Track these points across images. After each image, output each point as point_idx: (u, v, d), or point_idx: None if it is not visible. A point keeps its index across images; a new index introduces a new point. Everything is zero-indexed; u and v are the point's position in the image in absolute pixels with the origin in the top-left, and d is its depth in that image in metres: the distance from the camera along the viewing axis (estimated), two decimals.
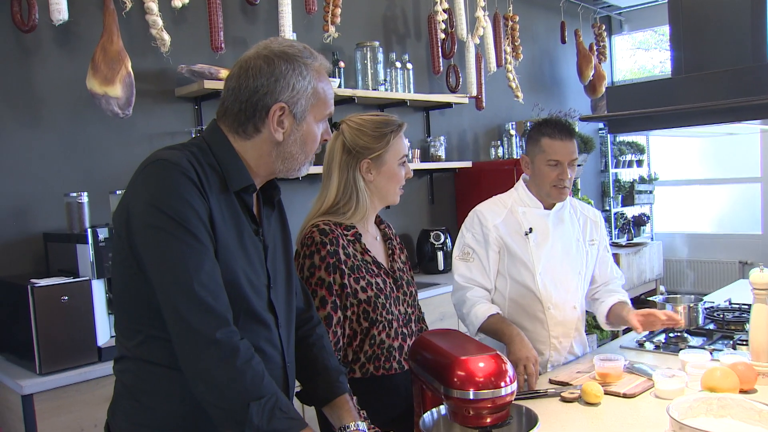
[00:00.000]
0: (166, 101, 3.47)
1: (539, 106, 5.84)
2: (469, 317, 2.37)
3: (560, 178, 2.38)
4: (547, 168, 2.39)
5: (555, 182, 2.39)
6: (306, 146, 1.48)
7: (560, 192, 2.42)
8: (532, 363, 2.11)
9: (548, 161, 2.37)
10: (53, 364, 2.46)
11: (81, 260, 2.64)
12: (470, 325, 2.37)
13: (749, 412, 1.64)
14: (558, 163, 2.37)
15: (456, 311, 2.48)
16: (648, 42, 7.44)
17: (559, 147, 2.36)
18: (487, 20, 4.94)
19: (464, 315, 2.40)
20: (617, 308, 2.46)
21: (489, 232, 2.41)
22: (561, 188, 2.40)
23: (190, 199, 1.31)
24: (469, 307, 2.37)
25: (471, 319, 2.36)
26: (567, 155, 2.36)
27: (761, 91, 2.14)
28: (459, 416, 1.34)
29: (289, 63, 1.42)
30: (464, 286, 2.42)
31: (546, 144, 2.37)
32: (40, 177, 3.00)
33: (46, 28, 2.97)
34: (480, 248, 2.43)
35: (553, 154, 2.36)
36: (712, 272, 6.80)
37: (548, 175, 2.39)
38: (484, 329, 2.34)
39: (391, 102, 4.44)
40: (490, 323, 2.31)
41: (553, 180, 2.39)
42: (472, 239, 2.45)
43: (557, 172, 2.37)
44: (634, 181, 7.10)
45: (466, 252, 2.45)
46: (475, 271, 2.42)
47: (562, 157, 2.36)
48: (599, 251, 2.59)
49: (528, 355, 2.12)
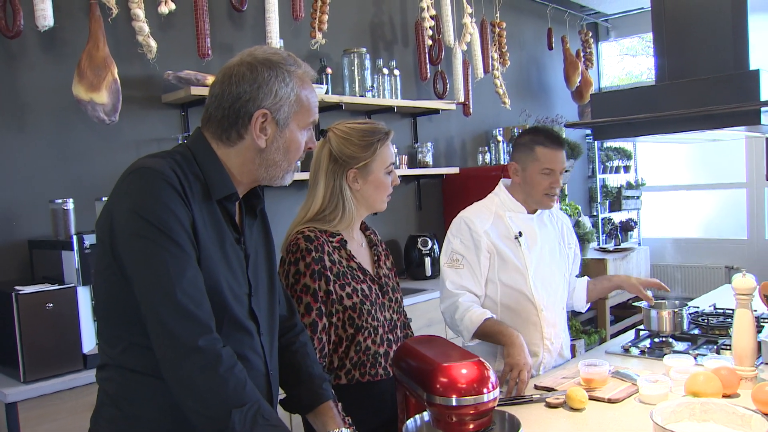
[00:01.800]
0: (152, 108, 3.46)
1: (526, 113, 5.87)
2: (463, 322, 2.33)
3: (552, 187, 2.41)
4: (540, 176, 2.41)
5: (547, 190, 2.42)
6: (289, 153, 1.49)
7: (550, 200, 2.46)
8: (527, 371, 2.10)
9: (543, 170, 2.39)
10: (38, 371, 2.44)
11: (66, 267, 2.63)
12: (465, 330, 2.34)
13: (731, 416, 1.66)
14: (551, 172, 2.40)
15: (445, 318, 2.45)
16: (635, 48, 7.49)
17: (553, 156, 2.39)
18: (474, 27, 4.96)
19: (456, 321, 2.37)
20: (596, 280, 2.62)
21: (480, 238, 2.41)
22: (552, 196, 2.44)
23: (173, 207, 1.31)
24: (462, 312, 2.34)
25: (465, 324, 2.33)
26: (560, 164, 2.40)
27: (743, 97, 2.16)
28: (442, 423, 1.35)
29: (272, 70, 1.43)
30: (455, 293, 2.39)
31: (540, 153, 2.39)
32: (26, 183, 2.99)
33: (32, 34, 2.96)
34: (469, 254, 2.41)
35: (547, 163, 2.39)
36: (698, 277, 6.84)
37: (541, 184, 2.41)
38: (480, 334, 2.31)
39: (379, 108, 4.45)
40: (488, 326, 2.28)
41: (545, 188, 2.42)
42: (461, 245, 2.44)
43: (550, 181, 2.40)
44: (622, 186, 7.13)
45: (455, 258, 2.43)
46: (465, 278, 2.41)
47: (556, 165, 2.39)
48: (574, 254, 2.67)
49: (525, 362, 2.12)
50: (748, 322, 2.06)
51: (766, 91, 2.16)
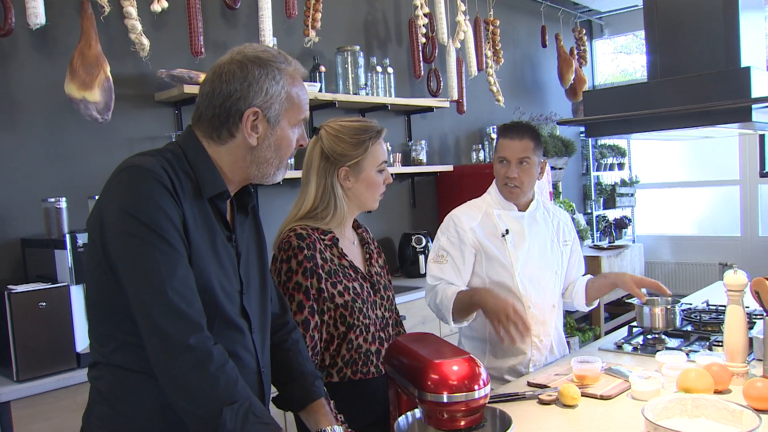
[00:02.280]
0: (145, 106, 3.46)
1: (520, 110, 5.87)
2: (442, 304, 2.34)
3: (506, 176, 2.42)
4: (498, 165, 2.47)
5: (504, 180, 2.45)
6: (281, 151, 1.49)
7: (509, 191, 2.46)
8: (511, 310, 2.09)
9: (498, 158, 2.46)
10: (31, 370, 2.44)
11: (59, 266, 2.63)
12: (445, 311, 2.34)
13: (722, 412, 1.67)
14: (504, 160, 2.42)
15: (432, 310, 2.46)
16: (629, 46, 7.50)
17: (506, 144, 2.43)
18: (467, 24, 4.96)
19: (438, 306, 2.38)
20: (595, 279, 2.57)
21: (465, 235, 2.43)
22: (510, 187, 2.45)
23: (164, 205, 1.31)
24: (441, 296, 2.36)
25: (444, 305, 2.33)
26: (513, 152, 2.41)
27: (734, 95, 2.17)
28: (433, 419, 1.35)
29: (263, 68, 1.43)
30: (433, 285, 2.43)
31: (498, 142, 2.47)
32: (18, 182, 2.98)
33: (23, 33, 2.95)
34: (455, 250, 2.44)
35: (500, 151, 2.45)
36: (692, 274, 6.86)
37: (498, 172, 2.47)
38: (458, 309, 2.31)
39: (372, 106, 4.45)
40: (459, 299, 2.29)
41: (502, 178, 2.45)
42: (447, 242, 2.46)
43: (505, 170, 2.43)
44: (616, 184, 7.15)
45: (441, 255, 2.46)
46: (447, 271, 2.43)
47: (507, 153, 2.42)
48: (572, 251, 2.65)
49: (503, 305, 2.11)
50: (740, 319, 2.07)
51: (757, 88, 2.17)
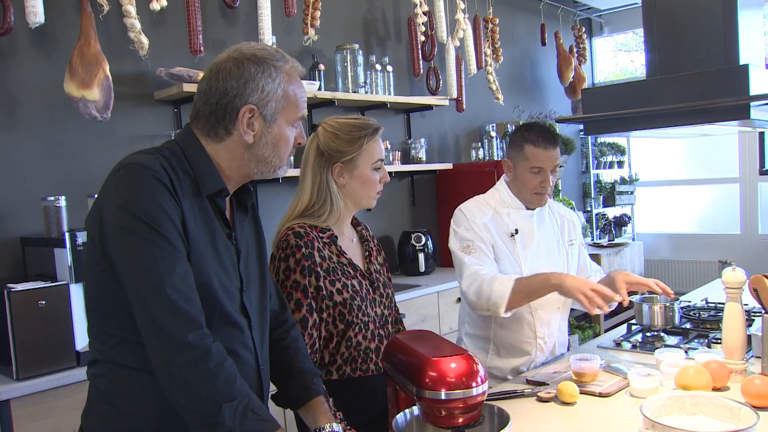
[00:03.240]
0: (145, 104, 3.46)
1: (520, 108, 5.88)
2: (494, 290, 2.24)
3: (542, 186, 2.39)
4: (529, 175, 2.39)
5: (537, 189, 2.40)
6: (278, 149, 1.49)
7: (541, 198, 2.43)
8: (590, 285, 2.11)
9: (531, 168, 2.38)
10: (30, 369, 2.44)
11: (59, 264, 2.63)
12: (498, 297, 2.23)
13: (721, 409, 1.67)
14: (540, 170, 2.37)
15: (470, 297, 2.33)
16: (629, 44, 7.50)
17: (542, 155, 2.36)
18: (467, 22, 4.96)
19: (485, 293, 2.26)
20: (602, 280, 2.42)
21: (479, 229, 2.39)
22: (542, 195, 2.42)
23: (163, 203, 1.31)
24: (490, 282, 2.25)
25: (497, 292, 2.23)
26: (550, 163, 2.37)
27: (733, 92, 2.17)
28: (431, 417, 1.35)
29: (259, 65, 1.43)
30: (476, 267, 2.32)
31: (529, 151, 2.37)
32: (18, 181, 2.98)
33: (22, 31, 2.95)
34: (476, 239, 2.38)
35: (536, 162, 2.36)
36: (692, 272, 6.87)
37: (530, 182, 2.40)
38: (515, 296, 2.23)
39: (372, 104, 4.45)
40: (524, 283, 2.23)
41: (535, 187, 2.40)
42: (467, 232, 2.40)
43: (539, 179, 2.38)
44: (615, 182, 7.15)
45: (466, 245, 2.38)
46: (481, 257, 2.35)
47: (544, 164, 2.36)
48: (578, 249, 2.62)
49: (584, 281, 2.13)
50: (738, 316, 2.07)
51: (755, 85, 2.17)
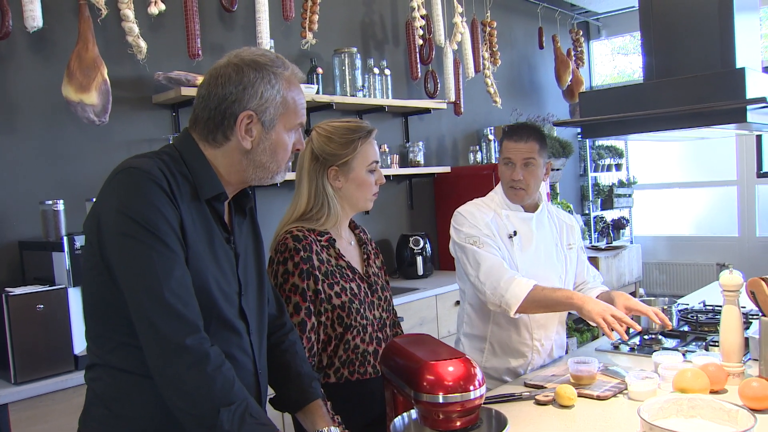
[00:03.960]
0: (143, 108, 3.46)
1: (517, 111, 5.88)
2: (510, 290, 2.25)
3: (511, 178, 2.41)
4: (503, 168, 2.44)
5: (510, 183, 2.43)
6: (277, 155, 1.49)
7: (515, 193, 2.44)
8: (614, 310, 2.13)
9: (503, 160, 2.43)
10: (29, 373, 2.44)
11: (57, 268, 2.63)
12: (512, 298, 2.24)
13: (718, 412, 1.67)
14: (509, 162, 2.41)
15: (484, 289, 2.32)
16: (627, 47, 7.51)
17: (510, 146, 2.41)
18: (465, 26, 4.97)
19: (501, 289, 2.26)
20: (602, 296, 2.44)
21: (482, 226, 2.40)
22: (516, 189, 2.42)
23: (161, 207, 1.31)
24: (508, 280, 2.26)
25: (513, 292, 2.24)
26: (517, 154, 2.39)
27: (729, 95, 2.18)
28: (429, 420, 1.35)
29: (258, 71, 1.43)
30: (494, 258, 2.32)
31: (503, 144, 2.45)
32: (16, 184, 2.98)
33: (21, 35, 2.96)
34: (481, 234, 2.39)
35: (505, 152, 2.43)
36: (690, 275, 6.87)
37: (504, 175, 2.45)
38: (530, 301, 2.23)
39: (370, 108, 4.45)
40: (543, 294, 2.23)
41: (508, 180, 2.43)
42: (471, 228, 2.40)
43: (510, 172, 2.41)
44: (613, 184, 7.16)
45: (473, 241, 2.39)
46: (491, 250, 2.36)
47: (512, 155, 2.40)
48: (577, 254, 2.62)
49: (605, 306, 2.14)
50: (736, 319, 2.08)
51: (752, 89, 2.18)
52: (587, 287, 2.60)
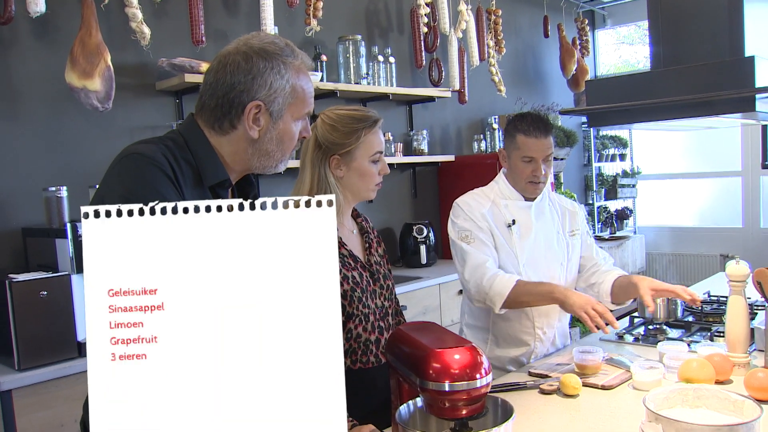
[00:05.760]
0: (146, 95, 3.45)
1: (522, 100, 5.86)
2: (494, 288, 2.26)
3: (534, 174, 2.38)
4: (522, 164, 2.39)
5: (530, 178, 2.40)
6: (283, 144, 1.48)
7: (535, 187, 2.43)
8: (596, 302, 2.12)
9: (523, 158, 2.38)
10: (32, 359, 2.44)
11: (60, 255, 2.63)
12: (496, 295, 2.27)
13: (724, 402, 1.66)
14: (532, 160, 2.37)
15: (469, 287, 2.36)
16: (632, 36, 7.47)
17: (533, 144, 2.36)
18: (469, 14, 4.95)
19: (485, 288, 2.29)
20: (622, 280, 2.42)
21: (477, 218, 2.40)
22: (536, 183, 2.41)
23: (164, 193, 1.30)
24: (491, 278, 2.28)
25: (496, 289, 2.26)
26: (541, 152, 2.36)
27: (738, 84, 2.16)
28: (435, 408, 1.35)
29: (268, 61, 1.41)
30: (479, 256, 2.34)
31: (521, 141, 2.37)
32: (19, 171, 2.98)
33: (23, 21, 2.94)
34: (475, 228, 2.39)
35: (527, 151, 2.37)
36: (694, 265, 6.86)
37: (523, 171, 2.40)
38: (513, 298, 2.25)
39: (374, 96, 4.44)
40: (525, 289, 2.25)
41: (528, 176, 2.39)
42: (465, 222, 2.41)
43: (531, 168, 2.38)
44: (617, 175, 7.15)
45: (464, 235, 2.40)
46: (481, 248, 2.37)
47: (535, 153, 2.36)
48: (581, 239, 2.59)
49: (587, 299, 2.14)
50: (742, 309, 2.07)
51: (761, 78, 2.16)
52: (601, 270, 2.55)
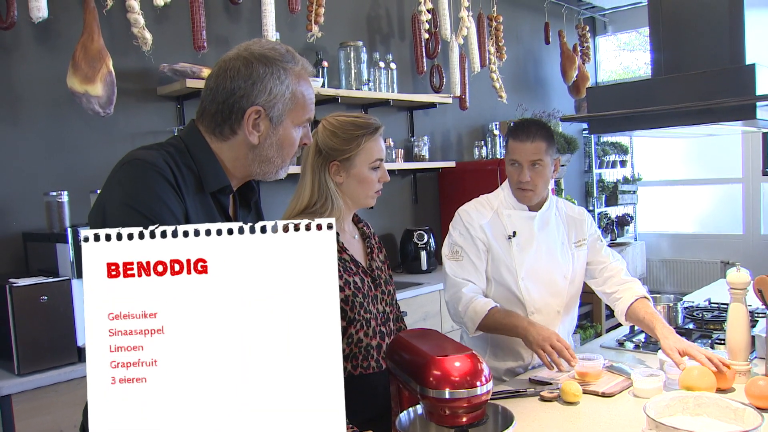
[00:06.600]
0: (148, 100, 3.46)
1: (523, 107, 5.87)
2: (467, 314, 2.31)
3: (519, 179, 2.36)
4: (510, 168, 2.39)
5: (517, 183, 2.38)
6: (283, 150, 1.48)
7: (523, 194, 2.39)
8: (555, 339, 2.10)
9: (509, 161, 2.38)
10: (32, 364, 2.44)
11: (61, 260, 2.63)
12: (469, 321, 2.31)
13: (725, 410, 1.66)
14: (516, 163, 2.36)
15: (449, 309, 2.42)
16: (633, 43, 7.49)
17: (517, 147, 2.35)
18: (471, 20, 4.96)
19: (460, 312, 2.34)
20: (638, 310, 2.34)
21: (475, 231, 2.39)
22: (522, 190, 2.38)
23: (166, 199, 1.30)
24: (466, 303, 2.31)
25: (470, 316, 2.30)
26: (524, 155, 2.33)
27: (738, 92, 2.16)
28: (435, 416, 1.35)
29: (268, 66, 1.42)
30: (457, 282, 2.37)
31: (509, 144, 2.39)
32: (20, 176, 2.98)
33: (26, 26, 2.95)
34: (468, 245, 2.39)
35: (512, 154, 2.37)
36: (694, 272, 6.86)
37: (511, 176, 2.40)
38: (485, 325, 2.28)
39: (375, 102, 4.44)
40: (494, 319, 2.27)
41: (516, 182, 2.38)
42: (459, 237, 2.42)
43: (517, 173, 2.37)
44: (618, 181, 7.15)
45: (455, 251, 2.41)
46: (466, 269, 2.38)
47: (519, 156, 2.34)
48: (589, 246, 2.55)
49: (547, 335, 2.12)
50: (742, 317, 2.06)
51: (761, 85, 2.16)
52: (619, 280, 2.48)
